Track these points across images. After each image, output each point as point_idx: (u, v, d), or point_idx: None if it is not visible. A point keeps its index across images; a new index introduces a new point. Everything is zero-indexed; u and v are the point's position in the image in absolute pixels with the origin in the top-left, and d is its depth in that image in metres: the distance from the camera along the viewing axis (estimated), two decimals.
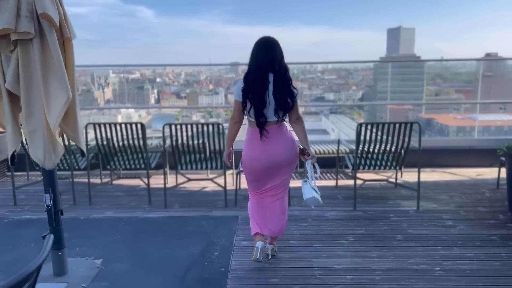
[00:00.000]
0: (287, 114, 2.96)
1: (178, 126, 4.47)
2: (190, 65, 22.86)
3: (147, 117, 59.47)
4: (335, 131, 47.33)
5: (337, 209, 4.45)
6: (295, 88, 2.93)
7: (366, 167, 4.61)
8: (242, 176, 5.17)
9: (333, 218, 4.19)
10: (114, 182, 5.44)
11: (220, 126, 4.47)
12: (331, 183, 5.39)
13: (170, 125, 4.51)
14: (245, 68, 2.98)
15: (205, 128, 4.48)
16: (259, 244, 3.11)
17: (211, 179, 4.94)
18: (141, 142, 4.60)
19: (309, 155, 3.16)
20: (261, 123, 2.90)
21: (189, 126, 4.47)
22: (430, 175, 5.62)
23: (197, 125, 4.51)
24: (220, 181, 4.91)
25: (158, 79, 62.33)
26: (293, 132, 3.11)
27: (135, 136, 4.62)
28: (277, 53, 2.89)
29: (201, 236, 3.79)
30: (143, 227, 4.05)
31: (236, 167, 4.98)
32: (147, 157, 4.68)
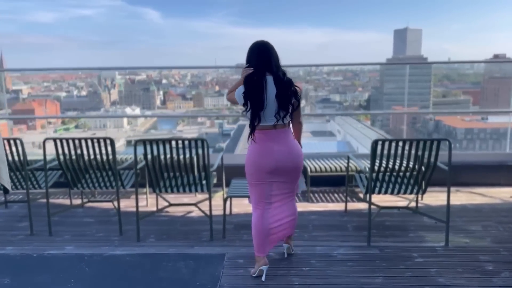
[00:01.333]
0: (288, 116, 2.87)
1: (154, 143, 3.64)
2: (196, 67, 21.94)
3: (152, 118, 58.82)
4: (341, 133, 46.46)
5: (347, 244, 3.58)
6: (298, 87, 2.90)
7: (383, 190, 3.75)
8: (234, 200, 4.37)
9: (343, 258, 3.32)
10: (87, 205, 4.62)
11: (205, 143, 3.63)
12: (339, 207, 4.52)
13: (144, 142, 3.67)
14: None
15: (187, 144, 3.65)
16: (264, 268, 3.00)
17: (195, 204, 4.09)
18: (111, 159, 3.79)
19: None
20: (254, 126, 2.84)
21: (166, 143, 3.64)
22: (455, 196, 4.74)
23: (176, 141, 3.67)
24: (207, 206, 4.08)
25: (164, 81, 61.98)
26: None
27: (104, 152, 3.82)
28: (273, 55, 2.88)
29: (175, 285, 2.94)
30: (105, 270, 3.21)
31: (227, 184, 4.17)
32: (116, 177, 3.86)
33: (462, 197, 4.79)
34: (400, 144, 3.51)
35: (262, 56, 2.86)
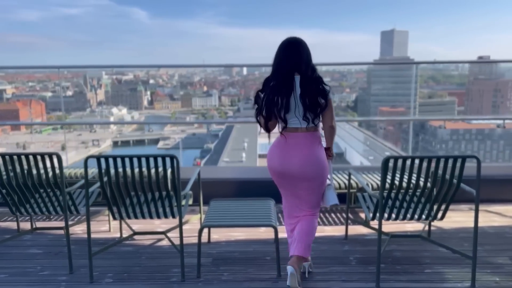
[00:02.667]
0: (319, 117, 2.66)
1: (111, 160, 2.87)
2: (184, 66, 21.04)
3: (139, 118, 57.90)
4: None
5: (350, 284, 2.85)
6: (327, 85, 2.66)
7: (393, 216, 3.04)
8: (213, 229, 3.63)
9: None
10: (38, 231, 3.81)
11: (175, 160, 2.87)
12: (339, 231, 3.78)
13: (98, 159, 2.90)
14: (239, 70, 4.51)
15: (152, 162, 2.89)
16: (289, 268, 2.60)
17: (164, 233, 3.32)
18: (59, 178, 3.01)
19: (330, 155, 2.85)
20: (284, 128, 2.64)
21: (127, 160, 2.87)
22: (469, 217, 4.04)
23: (139, 159, 2.90)
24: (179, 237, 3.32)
25: (151, 81, 60.86)
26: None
27: (46, 168, 3.04)
28: (303, 54, 2.64)
29: None
30: None
31: (207, 203, 3.42)
32: (64, 199, 3.08)
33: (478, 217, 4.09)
34: (417, 161, 2.79)
35: (290, 54, 2.61)
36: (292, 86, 2.59)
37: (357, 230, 3.75)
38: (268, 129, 2.72)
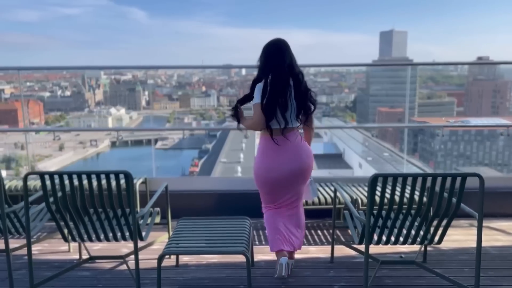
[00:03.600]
0: (308, 118, 2.80)
1: (56, 177, 2.47)
2: (183, 67, 20.70)
3: (138, 118, 57.48)
4: (328, 134, 45.56)
5: None
6: (313, 91, 2.78)
7: (384, 239, 2.64)
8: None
9: None
10: None
11: (129, 178, 2.47)
12: (324, 252, 3.37)
13: (41, 175, 2.49)
14: (238, 70, 3.13)
15: (104, 181, 2.48)
16: (283, 259, 2.75)
17: (122, 258, 2.92)
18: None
19: None
20: (283, 129, 2.69)
21: (74, 177, 2.46)
22: (469, 235, 3.64)
23: (88, 175, 2.48)
24: (146, 255, 2.92)
25: (150, 81, 60.33)
26: None
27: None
28: (293, 55, 2.75)
29: None
30: None
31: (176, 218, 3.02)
32: (3, 218, 2.68)
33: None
34: (410, 179, 2.39)
35: (284, 57, 2.70)
36: (289, 87, 2.67)
37: (344, 250, 3.33)
38: (265, 128, 2.72)
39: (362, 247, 2.60)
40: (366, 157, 38.86)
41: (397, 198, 2.49)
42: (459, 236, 3.63)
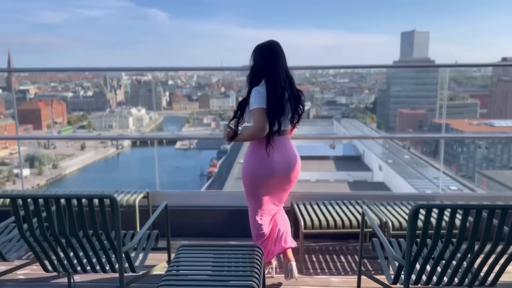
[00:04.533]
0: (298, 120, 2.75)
1: (31, 204, 2.05)
2: (202, 69, 20.24)
3: (158, 118, 57.76)
4: (347, 136, 44.70)
5: None
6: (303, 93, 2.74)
7: (423, 279, 2.15)
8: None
9: None
10: None
11: (115, 204, 2.04)
12: (348, 284, 2.88)
13: (13, 200, 2.08)
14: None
15: (84, 204, 2.05)
16: (291, 265, 2.76)
17: None
18: None
19: None
20: (276, 132, 2.59)
21: (52, 202, 2.04)
22: None
23: (68, 200, 2.06)
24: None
25: (170, 82, 60.55)
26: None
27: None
28: (286, 59, 2.68)
29: None
30: None
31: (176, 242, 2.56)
32: None
33: None
34: (461, 212, 1.89)
35: (282, 60, 2.63)
36: (287, 91, 2.61)
37: (372, 285, 2.83)
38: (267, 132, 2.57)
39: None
40: (387, 159, 37.88)
41: (443, 227, 1.99)
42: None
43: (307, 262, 3.20)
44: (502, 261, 2.04)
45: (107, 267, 2.29)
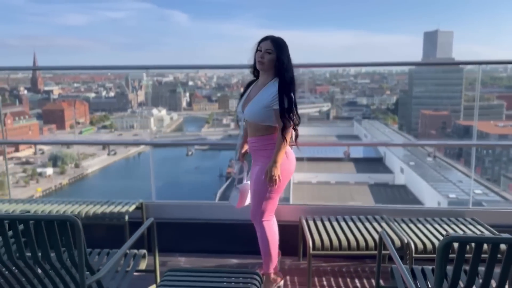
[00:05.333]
0: None
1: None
2: (221, 67, 20.01)
3: (178, 119, 57.97)
4: (368, 137, 43.92)
5: None
6: None
7: None
8: None
9: None
10: None
11: (76, 226, 1.69)
12: None
13: None
14: None
15: (33, 229, 1.72)
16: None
17: None
18: None
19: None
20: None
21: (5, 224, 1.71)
22: None
23: (26, 221, 1.73)
24: None
25: (190, 83, 60.65)
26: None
27: None
28: None
29: None
30: None
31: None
32: None
33: None
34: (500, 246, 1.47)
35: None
36: None
37: None
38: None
39: None
40: (408, 161, 36.89)
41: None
42: None
43: (316, 286, 2.81)
44: None
45: None
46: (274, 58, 2.47)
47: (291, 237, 3.02)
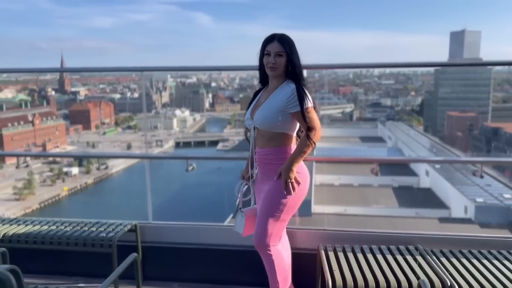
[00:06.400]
0: None
1: None
2: (244, 68, 19.68)
3: (201, 120, 58.23)
4: (392, 139, 42.85)
5: None
6: None
7: None
8: None
9: None
10: None
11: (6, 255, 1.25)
12: None
13: None
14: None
15: None
16: None
17: None
18: None
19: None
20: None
21: None
22: None
23: None
24: None
25: (213, 84, 60.64)
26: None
27: None
28: None
29: None
30: None
31: None
32: None
33: None
34: None
35: None
36: None
37: None
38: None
39: None
40: (434, 164, 35.73)
41: None
42: None
43: None
44: None
45: None
46: (286, 60, 2.12)
47: (308, 268, 2.53)
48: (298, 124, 2.16)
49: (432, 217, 24.75)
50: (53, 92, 52.05)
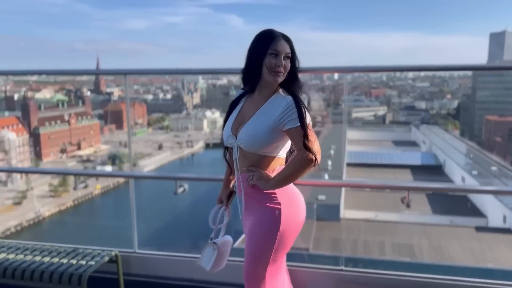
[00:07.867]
0: None
1: None
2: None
3: None
4: (427, 143, 41.30)
5: None
6: None
7: None
8: None
9: None
10: None
11: None
12: None
13: None
14: (330, 74, 1.82)
15: None
16: None
17: None
18: None
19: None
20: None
21: None
22: None
23: None
24: None
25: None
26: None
27: None
28: None
29: None
30: None
31: None
32: None
33: None
34: None
35: None
36: None
37: None
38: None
39: None
40: (470, 170, 34.07)
41: None
42: None
43: None
44: None
45: None
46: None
47: None
48: (289, 145, 1.74)
49: (468, 225, 23.57)
50: (88, 93, 53.18)
